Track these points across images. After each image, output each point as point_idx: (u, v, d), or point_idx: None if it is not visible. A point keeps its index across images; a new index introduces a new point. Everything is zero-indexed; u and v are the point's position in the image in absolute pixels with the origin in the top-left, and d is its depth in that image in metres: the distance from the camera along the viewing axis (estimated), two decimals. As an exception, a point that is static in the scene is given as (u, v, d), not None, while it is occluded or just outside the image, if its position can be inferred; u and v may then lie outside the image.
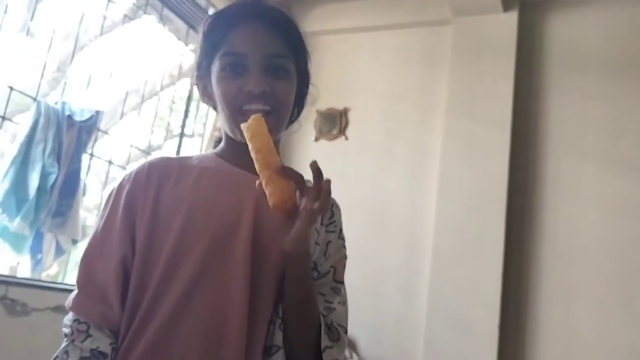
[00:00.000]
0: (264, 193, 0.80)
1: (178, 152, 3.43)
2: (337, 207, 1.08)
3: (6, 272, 2.55)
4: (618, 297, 2.60)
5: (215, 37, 0.96)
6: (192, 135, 3.60)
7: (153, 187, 0.94)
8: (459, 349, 2.67)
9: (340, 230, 1.07)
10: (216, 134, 1.10)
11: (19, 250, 2.32)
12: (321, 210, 0.80)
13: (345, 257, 1.06)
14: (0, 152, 2.71)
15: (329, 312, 0.95)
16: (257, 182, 0.80)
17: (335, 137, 3.34)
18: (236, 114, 0.93)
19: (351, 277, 3.24)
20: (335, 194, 3.24)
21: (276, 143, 1.01)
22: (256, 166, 0.81)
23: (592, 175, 2.77)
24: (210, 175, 0.97)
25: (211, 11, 3.36)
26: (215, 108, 1.02)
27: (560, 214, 2.80)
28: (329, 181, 0.80)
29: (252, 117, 0.85)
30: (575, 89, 2.91)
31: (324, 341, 0.91)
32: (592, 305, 2.63)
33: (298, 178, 0.80)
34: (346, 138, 3.31)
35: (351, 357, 2.76)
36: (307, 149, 3.33)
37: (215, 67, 0.96)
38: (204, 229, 0.91)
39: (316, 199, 0.79)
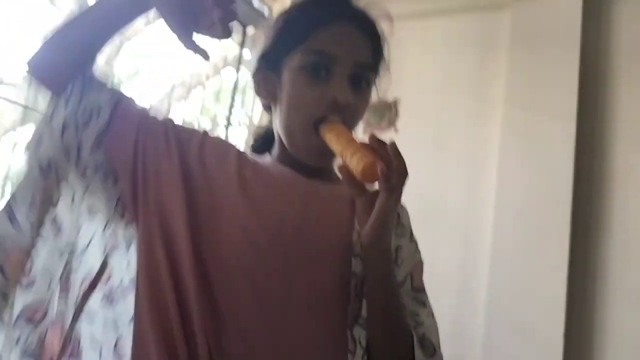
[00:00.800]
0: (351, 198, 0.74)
1: (224, 143, 3.38)
2: (404, 208, 1.00)
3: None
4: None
5: (297, 29, 0.85)
6: (237, 125, 3.56)
7: (205, 159, 0.85)
8: (521, 357, 2.51)
9: (412, 233, 0.98)
10: (258, 130, 1.01)
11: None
12: (403, 176, 0.73)
13: (421, 262, 0.97)
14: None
15: (418, 325, 0.86)
16: (339, 165, 0.73)
17: (384, 129, 3.20)
18: (310, 127, 0.83)
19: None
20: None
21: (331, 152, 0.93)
22: (337, 148, 0.74)
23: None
24: (261, 176, 0.88)
25: (255, 2, 3.30)
26: (269, 106, 0.93)
27: (631, 211, 2.58)
28: (394, 144, 0.73)
29: (332, 121, 0.79)
30: (645, 78, 2.68)
31: (418, 357, 0.82)
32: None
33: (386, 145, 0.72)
34: (396, 130, 3.17)
35: (403, 362, 2.63)
36: (355, 143, 3.21)
37: (291, 63, 0.85)
38: (246, 236, 0.82)
39: (394, 166, 0.72)
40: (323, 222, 0.86)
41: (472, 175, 2.92)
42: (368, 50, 0.88)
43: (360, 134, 2.98)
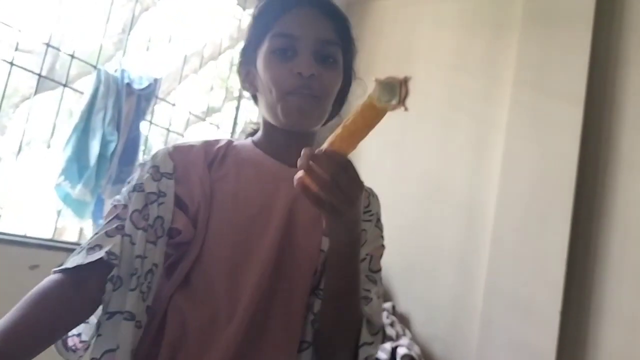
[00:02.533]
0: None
1: (237, 113, 3.42)
2: (375, 196, 1.06)
3: (74, 238, 2.65)
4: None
5: (266, 20, 0.95)
6: (250, 98, 3.60)
7: (182, 172, 0.93)
8: (517, 332, 2.58)
9: (378, 219, 1.04)
10: (252, 126, 1.09)
11: (81, 216, 2.38)
12: (342, 208, 0.75)
13: (382, 247, 1.02)
14: (69, 113, 2.77)
15: (367, 302, 0.92)
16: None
17: (394, 108, 3.22)
18: (283, 96, 0.91)
19: (406, 251, 3.21)
20: (393, 166, 3.18)
21: (314, 135, 1.00)
22: (338, 130, 0.76)
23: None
24: (244, 167, 0.96)
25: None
26: (254, 96, 1.02)
27: (634, 194, 2.61)
28: (342, 164, 0.74)
29: (384, 105, 0.78)
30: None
31: (364, 336, 0.89)
32: (665, 295, 2.47)
33: (340, 164, 0.74)
34: (406, 109, 3.18)
35: (404, 334, 2.72)
36: (365, 120, 3.25)
37: (263, 50, 0.94)
38: (232, 224, 0.90)
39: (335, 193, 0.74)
40: (303, 208, 0.93)
41: (478, 154, 2.96)
42: (330, 29, 0.94)
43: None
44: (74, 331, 0.86)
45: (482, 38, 3.08)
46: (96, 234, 0.86)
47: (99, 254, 0.81)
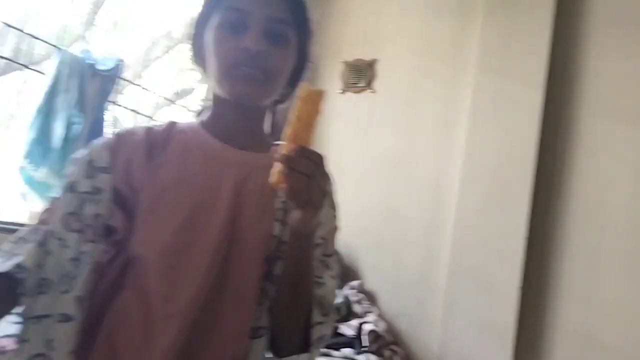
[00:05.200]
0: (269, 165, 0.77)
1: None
2: (329, 177, 1.05)
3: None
4: (646, 264, 2.55)
5: None
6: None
7: (121, 163, 0.89)
8: (479, 307, 2.68)
9: (333, 200, 1.02)
10: (203, 104, 1.05)
11: (46, 199, 2.36)
12: (317, 200, 0.77)
13: (337, 228, 1.02)
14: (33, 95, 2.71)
15: (319, 286, 0.93)
16: (275, 149, 0.77)
17: (361, 90, 3.26)
18: (229, 67, 0.89)
19: (373, 231, 3.27)
20: (360, 148, 3.22)
21: (263, 113, 0.98)
22: (287, 132, 0.77)
23: (628, 138, 2.66)
24: (189, 151, 0.93)
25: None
26: (205, 72, 0.98)
27: (591, 176, 2.71)
28: (312, 157, 0.76)
29: (319, 89, 0.79)
30: (616, 47, 2.75)
31: (315, 317, 0.90)
32: (618, 271, 2.58)
33: (314, 161, 0.76)
34: (373, 91, 3.24)
35: (371, 311, 2.79)
36: (333, 102, 3.28)
37: (212, 23, 0.92)
38: (175, 210, 0.88)
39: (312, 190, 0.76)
40: (251, 192, 0.91)
41: (443, 136, 3.02)
42: (284, 8, 0.92)
43: (338, 93, 3.04)
44: (1, 333, 0.86)
45: (447, 23, 3.12)
46: (20, 237, 0.84)
47: (7, 265, 0.79)
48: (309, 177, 0.75)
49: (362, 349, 2.48)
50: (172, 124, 0.97)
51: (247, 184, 0.92)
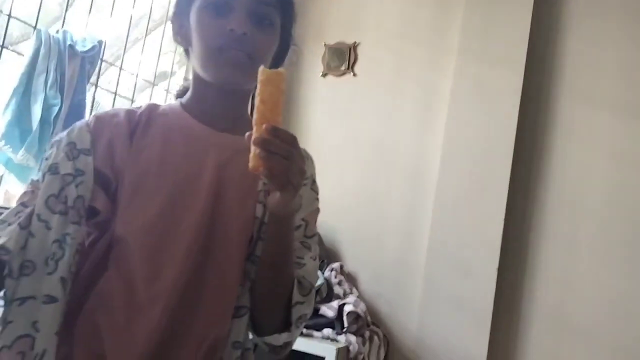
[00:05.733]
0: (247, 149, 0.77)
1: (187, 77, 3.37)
2: (309, 158, 1.05)
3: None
4: (622, 250, 2.61)
5: None
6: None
7: (103, 145, 0.89)
8: (457, 290, 2.73)
9: (314, 181, 1.04)
10: (183, 83, 1.05)
11: (24, 181, 2.34)
12: (297, 181, 0.78)
13: (317, 210, 1.03)
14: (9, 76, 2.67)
15: (299, 267, 0.94)
16: (247, 134, 0.77)
17: (343, 74, 3.26)
18: (214, 51, 0.89)
19: (354, 214, 3.29)
20: (341, 132, 3.23)
21: (246, 97, 0.99)
22: (254, 117, 0.78)
23: (605, 124, 2.72)
24: (171, 133, 0.93)
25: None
26: (187, 51, 0.98)
27: (569, 161, 2.76)
28: (288, 139, 0.76)
29: (277, 70, 0.80)
30: (594, 35, 2.79)
31: (295, 296, 0.91)
32: (595, 257, 2.65)
33: (288, 141, 0.77)
34: (354, 74, 3.24)
35: (351, 292, 2.82)
36: (314, 85, 3.28)
37: (196, 4, 0.91)
38: (157, 192, 0.88)
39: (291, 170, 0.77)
40: (233, 175, 0.92)
41: (423, 121, 3.04)
42: None
43: (319, 76, 3.02)
44: None
45: (428, 7, 3.12)
46: (1, 219, 0.85)
47: None
48: (286, 158, 0.76)
49: (343, 330, 2.51)
50: (153, 106, 0.97)
51: (228, 166, 0.93)
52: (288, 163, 0.76)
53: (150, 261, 0.86)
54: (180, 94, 1.03)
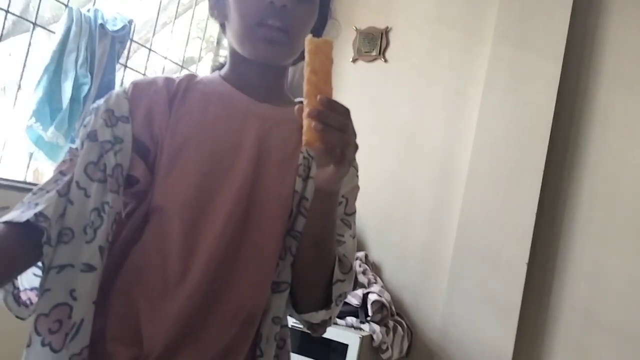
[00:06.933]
0: (300, 123, 0.74)
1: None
2: None
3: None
4: (656, 243, 2.52)
5: None
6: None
7: (142, 112, 0.87)
8: (484, 282, 2.67)
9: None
10: (220, 59, 1.04)
11: (55, 159, 2.35)
12: (351, 156, 0.76)
13: (357, 187, 1.01)
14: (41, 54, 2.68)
15: (340, 244, 0.93)
16: (297, 107, 0.75)
17: (374, 59, 3.21)
18: (252, 26, 0.87)
19: (380, 202, 3.24)
20: (370, 118, 3.18)
21: (285, 71, 0.97)
22: (304, 89, 0.74)
23: (645, 113, 2.62)
24: (210, 101, 0.91)
25: None
26: (223, 25, 0.96)
27: (605, 151, 2.67)
28: (345, 113, 0.74)
29: (325, 38, 0.77)
30: (636, 21, 2.68)
31: (337, 274, 0.90)
32: (628, 250, 2.56)
33: (343, 113, 0.74)
34: (385, 60, 3.18)
35: (376, 282, 2.79)
36: (344, 71, 3.22)
37: None
38: (196, 163, 0.87)
39: (348, 142, 0.74)
40: (273, 147, 0.90)
41: (455, 107, 2.97)
42: None
43: (349, 61, 2.97)
44: (27, 285, 0.83)
45: (465, -10, 3.04)
46: (40, 188, 0.83)
47: (28, 215, 0.78)
48: (342, 131, 0.73)
49: (367, 319, 2.48)
50: (191, 75, 0.95)
51: (269, 138, 0.91)
52: (345, 137, 0.73)
53: (187, 233, 0.84)
54: (217, 68, 1.01)
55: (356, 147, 0.78)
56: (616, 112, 2.68)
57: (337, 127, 0.73)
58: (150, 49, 3.01)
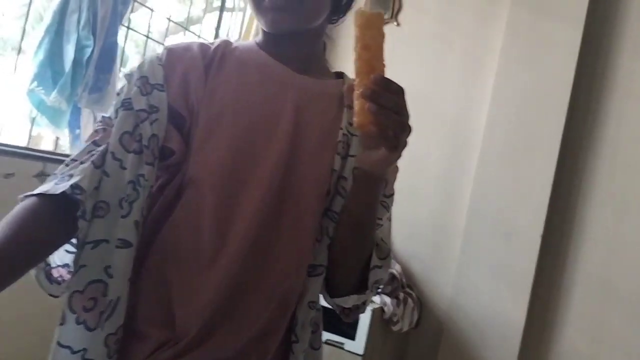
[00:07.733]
0: (349, 99, 0.69)
1: (218, 26, 3.24)
2: None
3: (49, 147, 2.54)
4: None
5: None
6: (232, 10, 3.38)
7: (177, 80, 0.82)
8: (497, 255, 2.62)
9: None
10: (224, 21, 0.99)
11: (57, 125, 2.27)
12: (405, 140, 0.71)
13: (397, 168, 0.96)
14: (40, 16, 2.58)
15: (378, 227, 0.89)
16: (346, 86, 0.71)
17: (386, 23, 3.08)
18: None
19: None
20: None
21: (315, 39, 0.91)
22: (356, 65, 0.69)
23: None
24: (246, 69, 0.86)
25: None
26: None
27: (625, 121, 2.59)
28: (400, 94, 0.69)
29: (376, 11, 0.72)
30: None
31: (374, 260, 0.86)
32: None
33: (399, 93, 0.69)
34: (398, 24, 3.07)
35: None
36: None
37: None
38: (232, 134, 0.82)
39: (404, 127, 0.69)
40: (311, 120, 0.86)
41: (470, 75, 2.88)
42: None
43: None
44: (58, 262, 0.79)
45: (482, -49, 2.91)
46: (73, 159, 0.79)
47: (63, 186, 0.73)
48: (397, 114, 0.68)
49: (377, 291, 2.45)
50: (227, 42, 0.89)
51: (307, 112, 0.86)
52: (400, 119, 0.69)
53: (222, 208, 0.80)
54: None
55: (410, 130, 0.72)
56: (636, 80, 2.59)
57: (392, 109, 0.68)
58: (151, 10, 2.89)
